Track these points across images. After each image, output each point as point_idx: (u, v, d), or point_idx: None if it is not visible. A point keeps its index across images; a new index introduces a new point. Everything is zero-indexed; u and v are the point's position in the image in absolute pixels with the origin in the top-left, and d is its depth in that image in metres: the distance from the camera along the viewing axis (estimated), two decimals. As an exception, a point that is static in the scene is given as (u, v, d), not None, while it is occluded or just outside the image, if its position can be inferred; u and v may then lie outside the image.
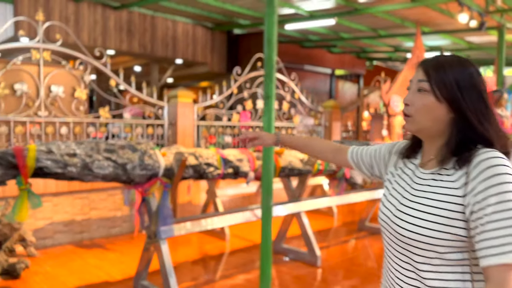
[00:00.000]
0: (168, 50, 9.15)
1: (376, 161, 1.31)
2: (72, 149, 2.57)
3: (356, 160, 1.37)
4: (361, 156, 1.36)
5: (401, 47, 11.16)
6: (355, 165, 1.38)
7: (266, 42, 2.85)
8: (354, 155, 1.38)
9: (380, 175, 1.30)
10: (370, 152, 1.34)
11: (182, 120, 5.43)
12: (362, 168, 1.36)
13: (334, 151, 1.45)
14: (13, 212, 2.38)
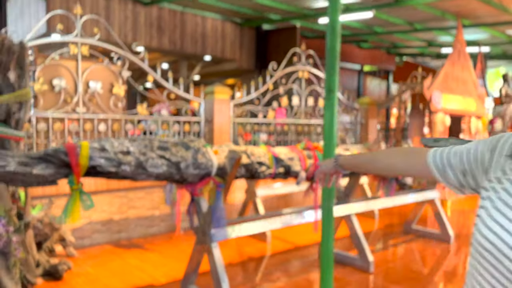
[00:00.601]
0: (197, 46, 9.01)
1: (471, 165, 0.96)
2: (126, 147, 2.41)
3: (442, 165, 1.02)
4: (448, 159, 1.01)
5: (435, 42, 10.77)
6: (439, 171, 1.02)
7: (330, 30, 2.63)
8: (438, 157, 1.03)
9: (474, 184, 0.96)
10: (460, 153, 0.99)
11: (218, 117, 5.27)
12: (449, 176, 1.00)
13: (406, 157, 1.13)
14: (65, 214, 2.24)
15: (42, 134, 4.17)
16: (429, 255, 4.35)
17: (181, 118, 5.09)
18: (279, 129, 6.12)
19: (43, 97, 4.16)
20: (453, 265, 4.13)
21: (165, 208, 4.96)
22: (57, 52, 4.19)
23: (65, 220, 2.23)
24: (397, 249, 4.48)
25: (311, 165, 3.37)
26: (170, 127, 5.01)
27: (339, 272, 3.74)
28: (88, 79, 4.45)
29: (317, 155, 3.42)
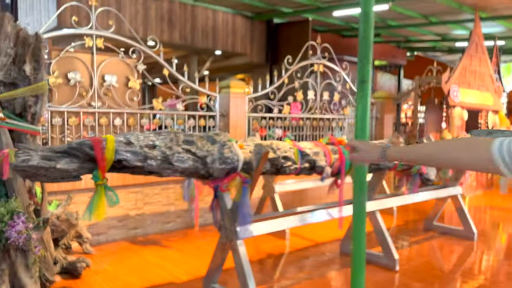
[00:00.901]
0: (208, 41, 8.90)
1: None
2: (151, 141, 2.31)
3: (509, 156, 0.94)
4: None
5: (448, 36, 10.59)
6: (505, 164, 0.95)
7: (363, 17, 2.50)
8: (506, 148, 0.95)
9: None
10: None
11: (234, 112, 5.16)
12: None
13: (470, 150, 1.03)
14: (90, 210, 2.15)
15: (57, 128, 4.09)
16: (453, 252, 4.23)
17: (197, 113, 4.99)
18: (294, 124, 6.01)
19: (57, 91, 4.07)
20: (478, 262, 4.01)
21: (180, 204, 4.87)
22: (72, 45, 4.10)
23: (90, 217, 2.14)
24: (420, 247, 4.37)
25: (336, 160, 3.26)
26: (185, 122, 4.92)
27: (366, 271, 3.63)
28: (103, 72, 4.35)
29: (342, 150, 3.30)
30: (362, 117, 2.55)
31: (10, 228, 2.63)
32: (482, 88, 7.31)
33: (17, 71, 3.23)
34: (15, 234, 2.61)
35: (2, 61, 3.21)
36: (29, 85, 3.22)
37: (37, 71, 3.28)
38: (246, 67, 10.29)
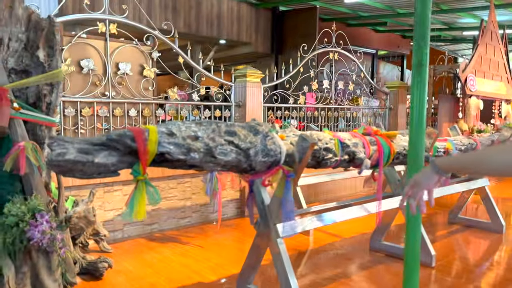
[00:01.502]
0: (213, 29, 8.64)
1: None
2: (193, 131, 2.10)
3: None
4: None
5: (455, 25, 10.42)
6: None
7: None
8: None
9: None
10: None
11: (250, 101, 4.95)
12: None
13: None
14: (131, 209, 1.94)
15: (69, 119, 3.85)
16: (485, 246, 4.09)
17: (212, 103, 4.77)
18: (309, 115, 5.82)
19: (70, 79, 3.83)
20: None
21: (196, 198, 4.67)
22: (85, 30, 3.84)
23: (131, 216, 1.93)
24: (449, 241, 4.22)
25: (375, 152, 3.07)
26: (201, 113, 4.70)
27: (397, 267, 3.48)
28: (117, 60, 4.11)
29: (380, 141, 3.12)
30: (420, 105, 2.35)
31: (32, 228, 2.41)
32: (496, 77, 7.16)
33: (30, 58, 2.99)
34: (38, 235, 2.40)
35: (13, 47, 2.98)
36: (43, 72, 2.98)
37: (51, 57, 3.05)
38: (251, 57, 10.04)
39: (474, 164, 1.08)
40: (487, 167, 1.04)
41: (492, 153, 1.03)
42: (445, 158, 1.16)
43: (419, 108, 2.35)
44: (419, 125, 2.36)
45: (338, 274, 3.32)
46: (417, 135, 2.35)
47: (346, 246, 3.98)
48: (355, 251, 3.84)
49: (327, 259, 3.66)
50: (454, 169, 1.15)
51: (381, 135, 3.22)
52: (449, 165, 1.13)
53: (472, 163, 1.08)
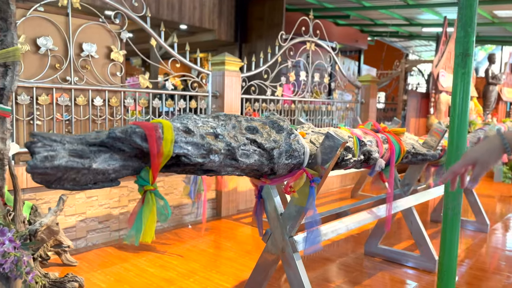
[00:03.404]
0: (174, 13, 8.02)
1: None
2: (212, 127, 1.67)
3: None
4: None
5: (415, 21, 10.55)
6: None
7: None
8: None
9: None
10: None
11: (229, 92, 4.52)
12: None
13: None
14: (137, 229, 1.48)
15: (23, 108, 3.22)
16: (476, 246, 4.00)
17: (188, 93, 4.28)
18: (286, 108, 5.49)
19: (24, 61, 3.18)
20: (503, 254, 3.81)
21: (170, 199, 4.18)
22: (43, 2, 3.21)
23: (138, 239, 1.47)
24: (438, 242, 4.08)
25: (386, 150, 2.79)
26: (176, 104, 4.20)
27: (400, 273, 3.25)
28: (81, 40, 3.50)
29: (391, 139, 2.84)
30: (463, 100, 2.09)
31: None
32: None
33: (-24, 32, 2.40)
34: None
35: (-47, 17, 2.37)
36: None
37: (4, 32, 2.47)
38: (213, 45, 9.52)
39: None
40: None
41: None
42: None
43: (463, 101, 2.09)
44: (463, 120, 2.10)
45: (343, 284, 3.02)
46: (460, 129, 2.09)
47: (340, 251, 3.71)
48: (351, 257, 3.57)
49: (325, 268, 3.36)
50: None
51: (389, 132, 2.96)
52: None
53: None
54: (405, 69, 6.77)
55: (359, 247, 3.78)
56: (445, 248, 2.13)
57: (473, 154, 1.05)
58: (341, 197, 5.87)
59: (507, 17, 9.08)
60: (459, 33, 2.04)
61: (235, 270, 3.18)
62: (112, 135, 1.38)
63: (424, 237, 3.24)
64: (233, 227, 4.32)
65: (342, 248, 3.79)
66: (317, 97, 6.00)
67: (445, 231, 2.13)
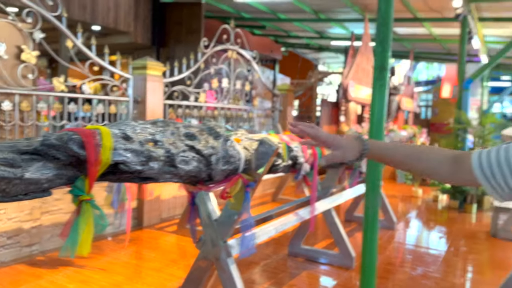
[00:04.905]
0: (86, 13, 7.60)
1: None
2: (150, 134, 1.63)
3: (490, 169, 0.89)
4: (497, 159, 0.88)
5: (325, 34, 11.24)
6: (485, 177, 0.89)
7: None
8: (485, 160, 0.90)
9: None
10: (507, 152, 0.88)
11: (152, 97, 4.42)
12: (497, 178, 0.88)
13: (452, 161, 0.97)
14: (72, 242, 1.39)
15: None
16: (385, 242, 4.37)
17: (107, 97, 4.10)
18: (210, 114, 5.50)
19: None
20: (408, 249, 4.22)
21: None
22: None
23: (73, 251, 1.39)
24: (354, 239, 4.39)
25: (310, 156, 2.95)
26: (93, 109, 3.99)
27: (322, 271, 3.44)
28: (-15, 37, 3.18)
29: (315, 144, 3.01)
30: (380, 108, 2.30)
31: None
32: (369, 84, 7.90)
33: None
34: None
35: None
36: None
37: None
38: (129, 48, 9.17)
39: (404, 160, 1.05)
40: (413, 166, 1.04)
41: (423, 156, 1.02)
42: (379, 144, 1.09)
43: (379, 111, 2.30)
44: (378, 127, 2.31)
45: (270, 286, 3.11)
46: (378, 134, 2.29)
47: (264, 253, 3.81)
48: (275, 259, 3.69)
49: (251, 271, 3.43)
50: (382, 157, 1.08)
51: (313, 139, 3.13)
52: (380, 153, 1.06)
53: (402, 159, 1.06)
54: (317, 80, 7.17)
55: (282, 248, 3.91)
56: (366, 245, 2.32)
57: (342, 141, 1.10)
58: (262, 201, 6.02)
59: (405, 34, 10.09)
60: (377, 48, 2.25)
61: (163, 280, 3.11)
62: (46, 142, 1.29)
63: (342, 236, 3.47)
64: (157, 236, 4.21)
65: (265, 251, 3.89)
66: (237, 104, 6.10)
67: (366, 229, 2.32)
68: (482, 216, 5.72)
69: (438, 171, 1.00)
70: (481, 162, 0.91)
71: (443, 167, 0.99)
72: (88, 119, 4.28)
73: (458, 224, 5.28)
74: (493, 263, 3.98)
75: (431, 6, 6.61)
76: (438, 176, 1.01)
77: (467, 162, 0.94)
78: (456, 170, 0.96)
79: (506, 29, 8.43)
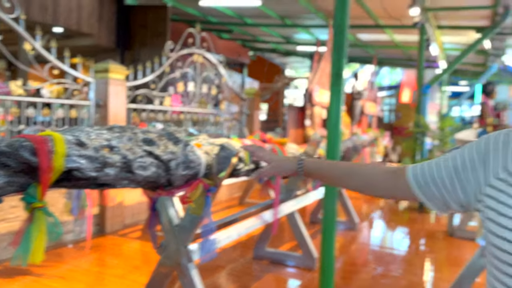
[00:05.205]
0: (47, 14, 7.39)
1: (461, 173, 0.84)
2: (106, 139, 1.62)
3: (424, 181, 0.89)
4: (430, 172, 0.88)
5: (292, 39, 11.39)
6: (420, 189, 0.89)
7: (339, 7, 2.30)
8: (420, 173, 0.90)
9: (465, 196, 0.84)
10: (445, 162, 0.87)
11: (114, 101, 4.35)
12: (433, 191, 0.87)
13: (389, 176, 0.97)
14: (25, 250, 1.36)
15: None
16: (347, 242, 4.47)
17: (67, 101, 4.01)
18: (175, 118, 5.47)
19: None
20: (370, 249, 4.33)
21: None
22: None
23: (25, 259, 1.36)
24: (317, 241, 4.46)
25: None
26: (52, 113, 3.89)
27: (286, 273, 3.49)
28: None
29: (277, 149, 3.06)
30: (336, 113, 2.37)
31: None
32: (333, 89, 8.05)
33: None
34: None
35: None
36: None
37: None
38: (92, 50, 8.97)
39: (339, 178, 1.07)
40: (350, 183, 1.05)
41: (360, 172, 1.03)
42: (315, 163, 1.10)
43: (335, 115, 2.37)
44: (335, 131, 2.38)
45: None
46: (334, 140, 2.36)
47: (229, 258, 3.82)
48: (241, 263, 3.70)
49: (216, 275, 3.43)
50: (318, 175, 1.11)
51: (275, 143, 3.18)
52: (316, 172, 1.08)
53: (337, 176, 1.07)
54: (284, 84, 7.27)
55: (248, 252, 3.93)
56: (325, 245, 2.37)
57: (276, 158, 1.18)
58: (229, 205, 6.03)
59: (368, 41, 10.38)
60: (333, 56, 2.32)
61: (125, 287, 3.06)
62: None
63: (305, 238, 3.53)
64: (120, 243, 4.14)
65: (231, 254, 3.90)
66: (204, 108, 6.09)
67: (325, 230, 2.38)
68: (440, 217, 5.95)
69: (376, 187, 1.00)
70: (417, 176, 0.90)
71: (380, 182, 0.99)
72: (48, 123, 4.17)
73: (418, 224, 5.47)
74: (450, 260, 4.15)
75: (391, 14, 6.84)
76: (376, 191, 1.02)
77: (403, 177, 0.93)
78: (394, 185, 0.95)
79: (463, 37, 8.82)
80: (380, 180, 0.99)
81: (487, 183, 0.80)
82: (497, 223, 0.74)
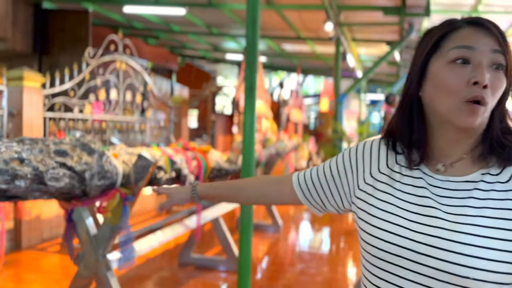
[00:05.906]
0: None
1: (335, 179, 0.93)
2: (16, 152, 1.61)
3: (304, 187, 0.97)
4: (311, 179, 0.97)
5: (220, 47, 11.55)
6: (303, 193, 0.97)
7: (250, 23, 2.46)
8: (301, 180, 0.98)
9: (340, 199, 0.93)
10: (322, 170, 0.96)
11: (29, 110, 4.18)
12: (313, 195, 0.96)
13: (277, 185, 1.05)
14: None
15: None
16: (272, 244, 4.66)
17: (-24, 110, 3.77)
18: (97, 127, 5.32)
19: None
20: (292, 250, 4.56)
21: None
22: None
23: None
24: (243, 245, 4.61)
25: (195, 167, 3.08)
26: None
27: (211, 277, 3.57)
28: None
29: (199, 156, 3.15)
30: (250, 124, 2.52)
31: None
32: (259, 97, 8.33)
33: None
34: None
35: None
36: None
37: None
38: (7, 55, 8.41)
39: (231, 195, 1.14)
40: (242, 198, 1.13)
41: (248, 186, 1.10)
42: (207, 187, 1.16)
43: (249, 126, 2.52)
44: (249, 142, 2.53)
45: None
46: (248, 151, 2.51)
47: (156, 267, 3.82)
48: (166, 271, 3.73)
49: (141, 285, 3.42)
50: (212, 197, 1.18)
51: (198, 150, 3.27)
52: (208, 194, 1.15)
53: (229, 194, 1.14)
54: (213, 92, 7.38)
55: (174, 260, 3.96)
56: (242, 247, 2.51)
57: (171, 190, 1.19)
58: (156, 214, 5.98)
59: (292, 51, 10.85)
60: (246, 71, 2.48)
61: (43, 303, 2.96)
62: None
63: (229, 242, 3.65)
64: (38, 257, 3.96)
65: (158, 263, 3.90)
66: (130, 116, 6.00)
67: (242, 233, 2.51)
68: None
69: (265, 197, 1.06)
70: (300, 183, 0.97)
71: (269, 192, 1.05)
72: None
73: (337, 223, 5.84)
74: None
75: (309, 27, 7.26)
76: (267, 200, 1.08)
77: (290, 184, 0.99)
78: (282, 193, 1.02)
79: (377, 49, 9.58)
80: (269, 190, 1.05)
81: (358, 187, 0.88)
82: (367, 222, 0.82)
